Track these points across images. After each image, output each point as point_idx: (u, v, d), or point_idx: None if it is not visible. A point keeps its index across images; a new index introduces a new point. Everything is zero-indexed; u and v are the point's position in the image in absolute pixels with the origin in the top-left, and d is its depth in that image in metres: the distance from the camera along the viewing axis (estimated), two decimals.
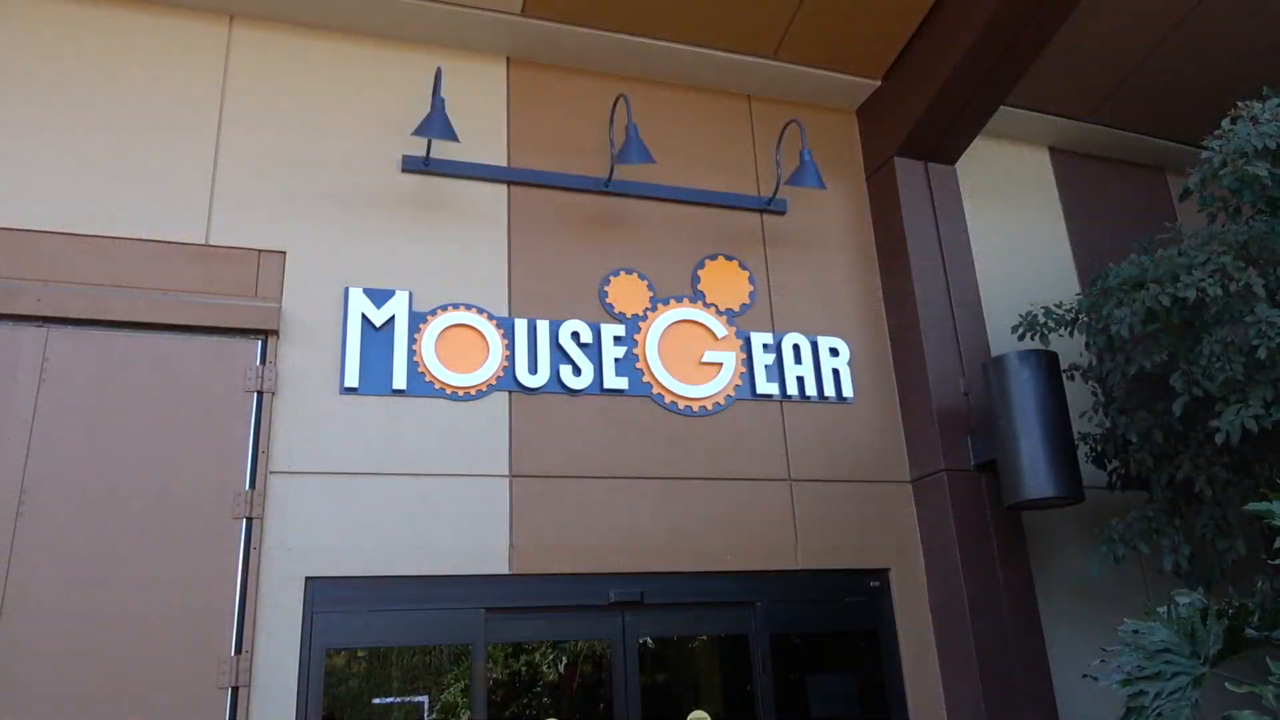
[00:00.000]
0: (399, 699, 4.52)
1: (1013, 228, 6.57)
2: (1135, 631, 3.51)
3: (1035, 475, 5.04)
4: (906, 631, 5.33)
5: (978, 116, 5.97)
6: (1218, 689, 3.43)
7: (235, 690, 4.16)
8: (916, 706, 5.19)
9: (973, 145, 6.31)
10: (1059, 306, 5.39)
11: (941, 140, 6.04)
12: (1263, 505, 3.26)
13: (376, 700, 4.49)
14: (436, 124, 4.90)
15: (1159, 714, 3.21)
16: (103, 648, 4.05)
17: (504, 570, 4.73)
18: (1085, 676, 3.78)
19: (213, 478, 4.42)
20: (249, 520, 4.41)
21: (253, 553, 4.37)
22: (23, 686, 3.91)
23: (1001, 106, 6.12)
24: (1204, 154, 4.54)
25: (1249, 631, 3.33)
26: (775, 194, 5.93)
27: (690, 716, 4.90)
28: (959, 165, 6.30)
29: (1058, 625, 5.47)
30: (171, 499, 4.33)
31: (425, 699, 4.55)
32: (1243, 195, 4.69)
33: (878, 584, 5.41)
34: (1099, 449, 5.45)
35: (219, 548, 4.34)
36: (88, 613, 4.08)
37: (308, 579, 4.44)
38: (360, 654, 4.53)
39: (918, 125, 5.91)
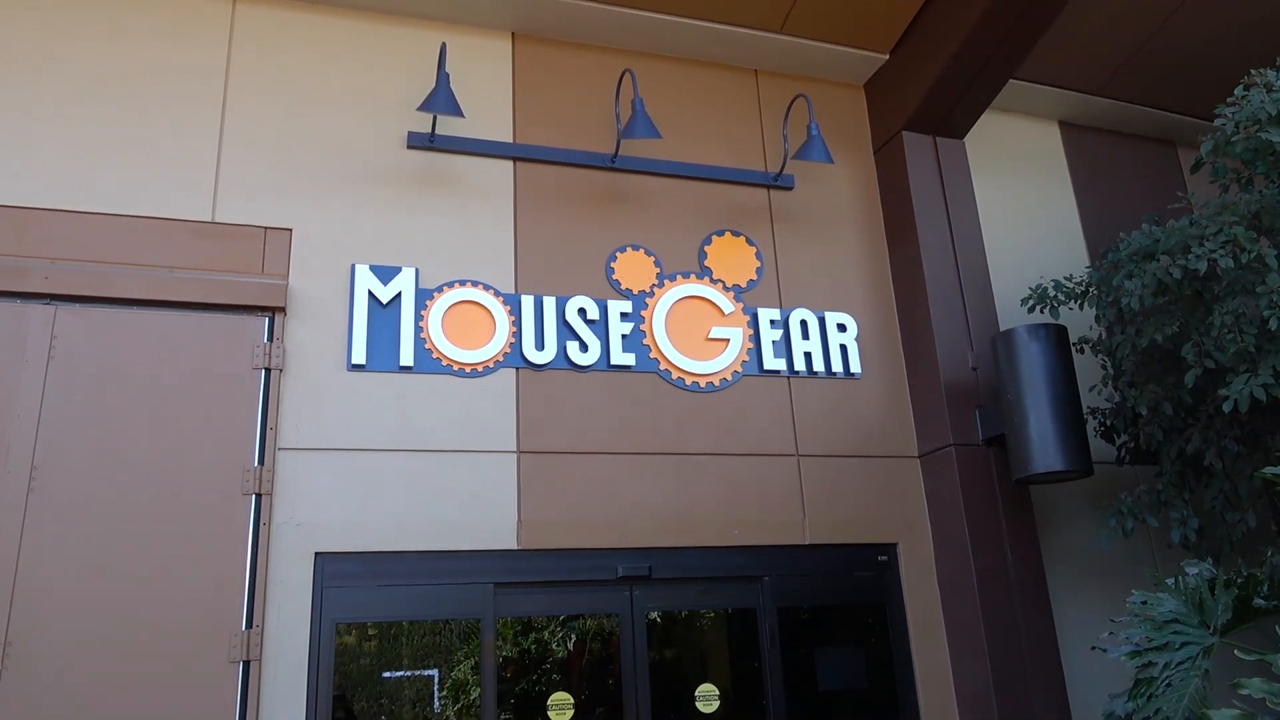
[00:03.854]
0: (409, 673, 4.55)
1: (1022, 202, 6.53)
2: (1144, 603, 3.51)
3: (1044, 449, 5.02)
4: (914, 606, 5.33)
5: (986, 90, 5.92)
6: (1227, 658, 3.43)
7: (247, 664, 4.19)
8: (924, 680, 5.21)
9: (982, 119, 6.25)
10: (1069, 280, 5.36)
11: (950, 114, 5.98)
12: (1277, 470, 3.24)
13: (386, 674, 4.52)
14: (441, 99, 4.88)
15: (1168, 684, 3.21)
16: (115, 622, 4.08)
17: (512, 546, 4.75)
18: (1094, 649, 3.78)
19: (222, 454, 4.44)
20: (258, 496, 4.43)
21: (262, 528, 4.39)
22: (36, 661, 3.95)
23: (1011, 80, 6.06)
24: (1217, 121, 4.49)
25: (1258, 601, 3.32)
26: (782, 169, 5.89)
27: (698, 690, 4.93)
28: (968, 139, 6.25)
29: (1066, 599, 5.47)
30: (181, 475, 4.35)
31: (435, 672, 4.58)
32: (1255, 166, 4.64)
33: (885, 559, 5.42)
34: (1108, 423, 5.43)
35: (229, 523, 4.36)
36: (99, 587, 4.10)
37: (317, 554, 4.46)
38: (371, 632, 4.55)
39: (926, 99, 5.86)
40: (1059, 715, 4.99)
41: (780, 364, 5.51)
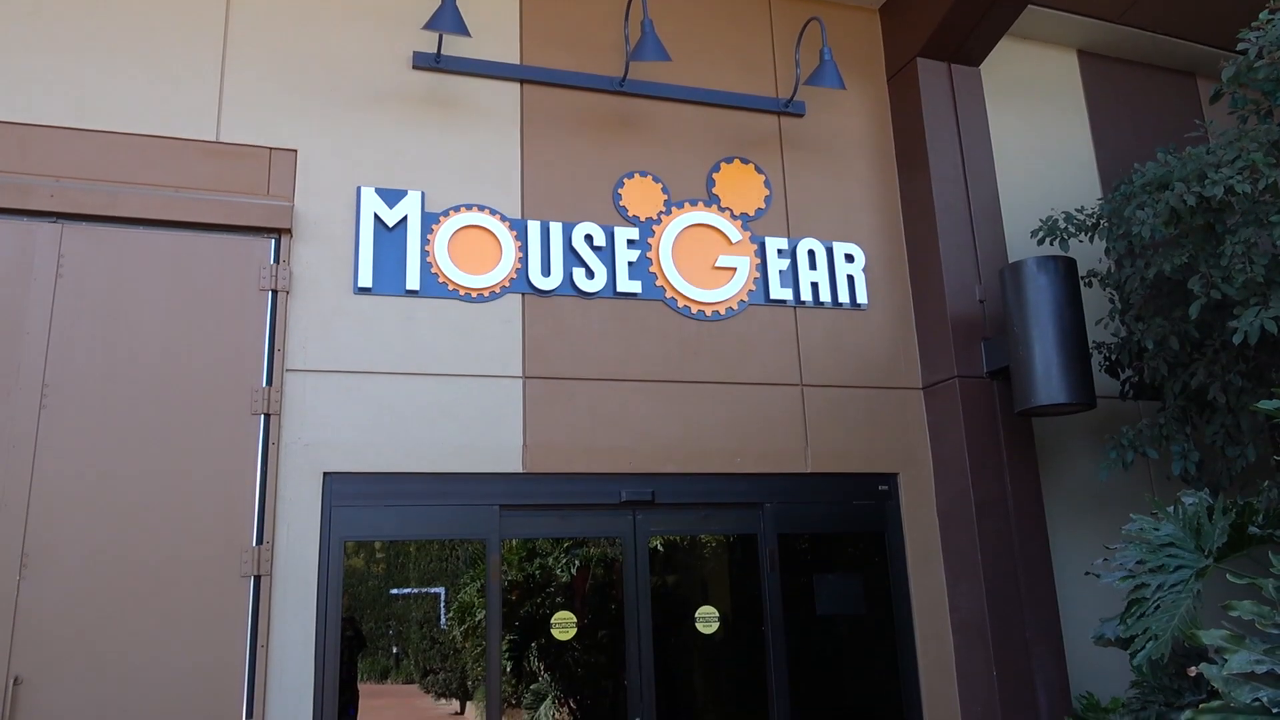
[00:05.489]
0: (416, 589, 4.66)
1: (1036, 132, 6.41)
2: (1141, 529, 3.55)
3: (1048, 381, 5.02)
4: (913, 534, 5.41)
5: (1004, 16, 5.77)
6: (1220, 584, 3.48)
7: (258, 579, 4.29)
8: (920, 605, 5.31)
9: (998, 46, 6.11)
10: (1080, 212, 5.30)
11: (966, 41, 5.85)
12: (1273, 404, 3.25)
13: (394, 591, 4.62)
14: (447, 18, 4.78)
15: (1158, 606, 3.27)
16: (128, 537, 4.17)
17: (517, 469, 4.81)
18: (1088, 573, 3.84)
19: (230, 374, 4.48)
20: (266, 416, 4.48)
21: (271, 448, 4.45)
22: (53, 574, 4.05)
23: (1029, 6, 5.90)
24: (1240, 46, 4.38)
25: (1253, 529, 3.36)
26: (794, 95, 5.79)
27: (698, 612, 5.03)
28: (983, 67, 6.12)
29: (1063, 531, 5.54)
30: (190, 394, 4.39)
31: (442, 590, 4.69)
32: (1276, 97, 4.55)
33: (886, 488, 5.48)
34: (1113, 357, 5.43)
35: (238, 443, 4.42)
36: (113, 503, 4.19)
37: (325, 474, 4.53)
38: (379, 554, 4.64)
39: (942, 25, 5.72)
40: (1051, 640, 5.10)
41: (787, 293, 5.50)
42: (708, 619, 5.04)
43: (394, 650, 4.60)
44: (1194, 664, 3.26)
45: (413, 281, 4.84)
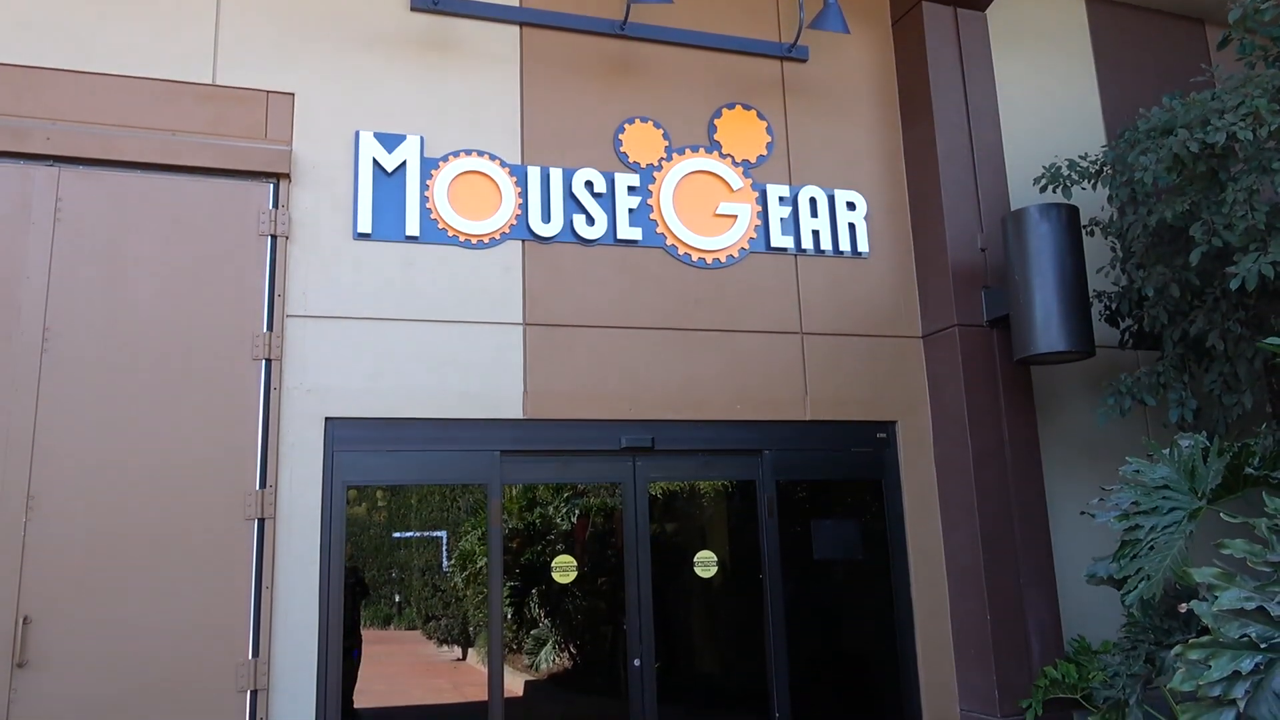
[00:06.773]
0: (418, 533, 4.70)
1: (1042, 78, 6.33)
2: (1137, 471, 3.58)
3: (1048, 329, 5.03)
4: (910, 481, 5.46)
5: None
6: (1214, 526, 3.52)
7: (261, 522, 4.34)
8: (916, 550, 5.38)
9: None
10: (1083, 159, 5.26)
11: None
12: (1275, 340, 3.25)
13: (396, 534, 4.67)
14: None
15: (1151, 546, 3.31)
16: (132, 479, 4.20)
17: (518, 415, 4.84)
18: (1083, 513, 3.88)
19: (230, 319, 4.48)
20: (268, 361, 4.49)
21: (273, 393, 4.47)
22: (58, 516, 4.09)
23: None
24: None
25: (1249, 470, 3.39)
26: (797, 40, 5.71)
27: (697, 556, 5.10)
28: (989, 11, 6.03)
29: (1059, 479, 5.58)
30: (190, 339, 4.40)
31: (444, 534, 4.74)
32: None
33: (884, 436, 5.51)
34: (1113, 306, 5.43)
35: (239, 388, 4.43)
36: (116, 445, 4.21)
37: (327, 419, 4.55)
38: (380, 503, 4.68)
39: None
40: (1045, 585, 5.17)
41: (788, 241, 5.48)
42: (706, 564, 5.11)
43: (396, 597, 4.66)
44: (1185, 603, 3.31)
45: (412, 227, 4.82)
